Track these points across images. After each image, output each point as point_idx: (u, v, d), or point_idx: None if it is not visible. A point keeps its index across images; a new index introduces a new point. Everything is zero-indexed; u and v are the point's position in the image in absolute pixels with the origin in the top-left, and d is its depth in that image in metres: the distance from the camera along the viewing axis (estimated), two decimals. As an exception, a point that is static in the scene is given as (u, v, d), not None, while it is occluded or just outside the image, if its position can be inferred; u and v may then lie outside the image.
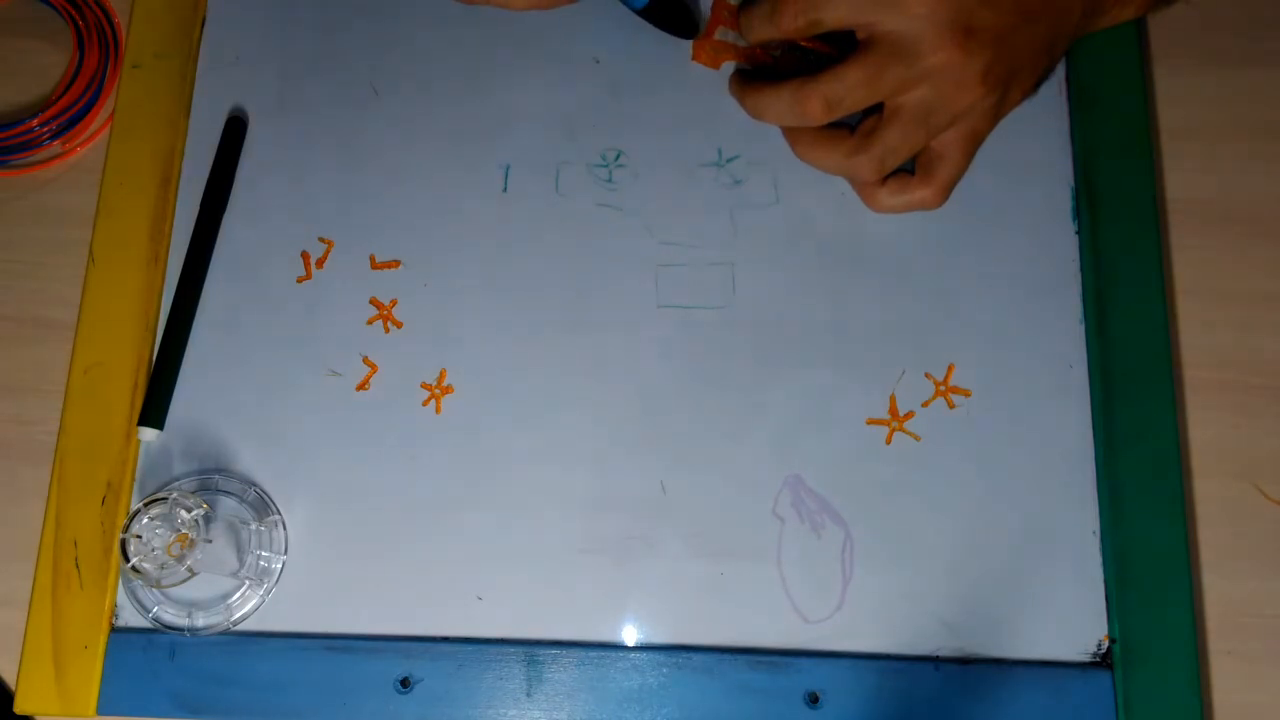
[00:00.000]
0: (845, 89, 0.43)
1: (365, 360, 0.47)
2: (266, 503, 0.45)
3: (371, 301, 0.48)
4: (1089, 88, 0.50)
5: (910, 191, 0.46)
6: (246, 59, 0.51)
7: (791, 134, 0.48)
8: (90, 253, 0.48)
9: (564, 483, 0.46)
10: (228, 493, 0.45)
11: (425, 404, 0.47)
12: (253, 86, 0.51)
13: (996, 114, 0.46)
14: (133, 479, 0.46)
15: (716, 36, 0.49)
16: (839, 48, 0.45)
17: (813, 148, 0.47)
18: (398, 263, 0.48)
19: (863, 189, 0.48)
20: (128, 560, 0.39)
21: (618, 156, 0.50)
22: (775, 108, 0.46)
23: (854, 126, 0.46)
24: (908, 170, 0.47)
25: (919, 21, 0.42)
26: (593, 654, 0.44)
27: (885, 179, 0.46)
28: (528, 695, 0.44)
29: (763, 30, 0.46)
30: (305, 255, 0.48)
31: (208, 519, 0.41)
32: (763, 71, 0.49)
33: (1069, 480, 0.45)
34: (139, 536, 0.40)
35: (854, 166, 0.45)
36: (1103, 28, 0.48)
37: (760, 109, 0.47)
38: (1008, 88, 0.45)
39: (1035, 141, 0.49)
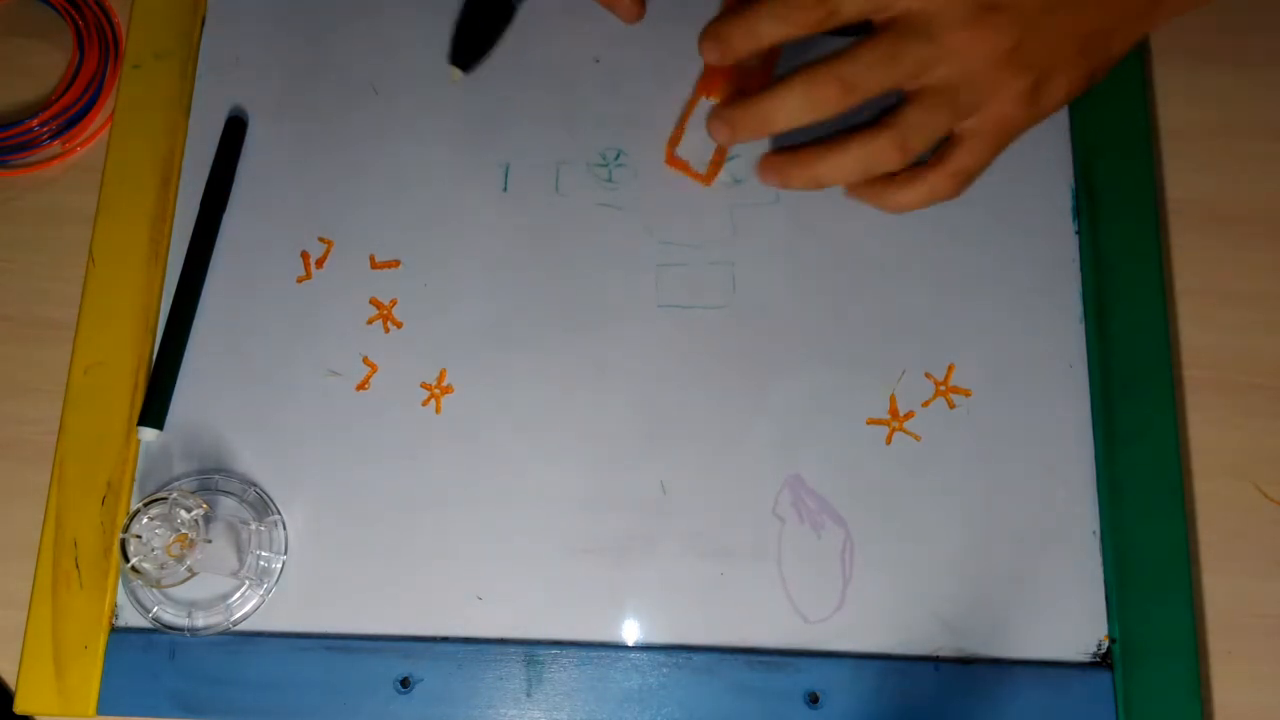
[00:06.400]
0: (862, 68, 0.39)
1: (365, 360, 0.47)
2: (266, 503, 0.45)
3: (371, 301, 0.48)
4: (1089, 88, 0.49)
5: (920, 179, 0.42)
6: (246, 59, 0.51)
7: (806, 155, 0.42)
8: (90, 253, 0.48)
9: (564, 483, 0.45)
10: (228, 493, 0.45)
11: (425, 404, 0.47)
12: (253, 86, 0.50)
13: (1031, 102, 0.41)
14: (133, 479, 0.46)
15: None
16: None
17: (828, 152, 0.41)
18: (398, 263, 0.48)
19: (871, 190, 0.43)
20: (128, 560, 0.39)
21: (618, 156, 0.50)
22: (787, 107, 0.40)
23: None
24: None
25: (938, 0, 0.39)
26: (593, 654, 0.44)
27: (894, 175, 0.42)
28: (528, 695, 0.43)
29: (773, 30, 0.40)
30: (305, 255, 0.48)
31: (208, 519, 0.41)
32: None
33: (1069, 480, 0.45)
34: (139, 536, 0.40)
35: (875, 152, 0.41)
36: (1176, 15, 0.43)
37: (769, 117, 0.41)
38: (1042, 75, 0.41)
39: (1035, 141, 0.49)
